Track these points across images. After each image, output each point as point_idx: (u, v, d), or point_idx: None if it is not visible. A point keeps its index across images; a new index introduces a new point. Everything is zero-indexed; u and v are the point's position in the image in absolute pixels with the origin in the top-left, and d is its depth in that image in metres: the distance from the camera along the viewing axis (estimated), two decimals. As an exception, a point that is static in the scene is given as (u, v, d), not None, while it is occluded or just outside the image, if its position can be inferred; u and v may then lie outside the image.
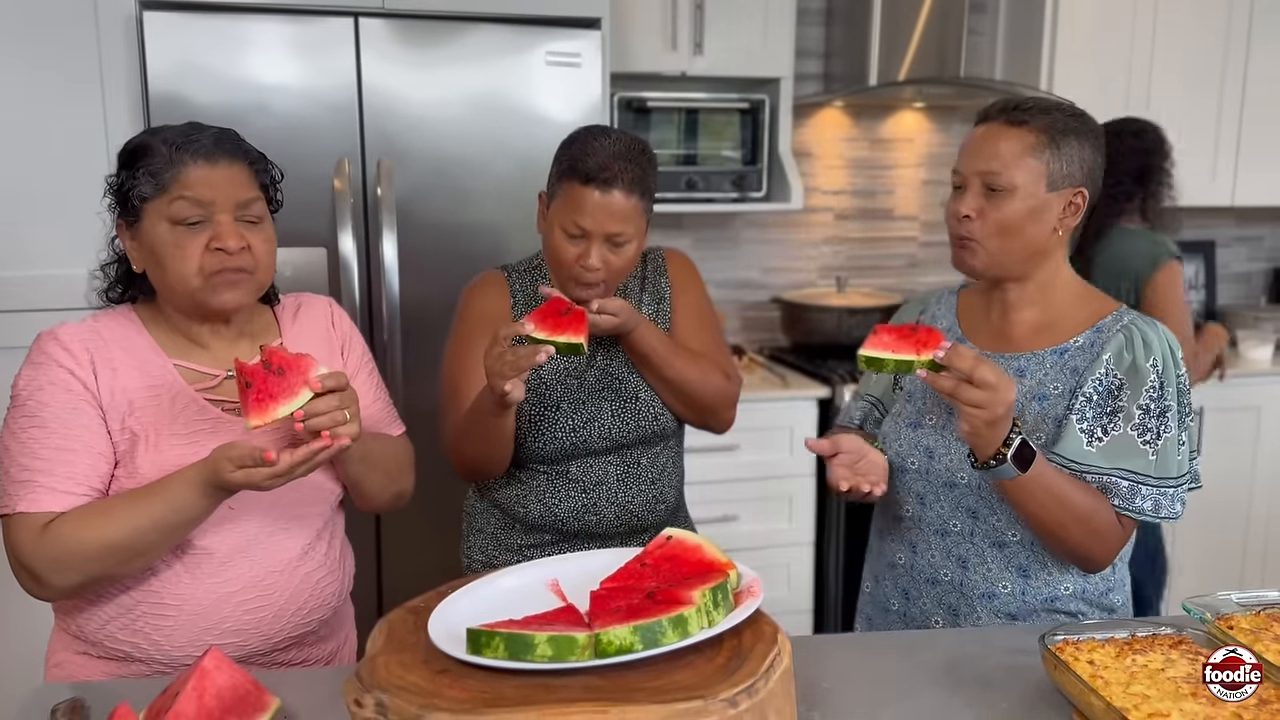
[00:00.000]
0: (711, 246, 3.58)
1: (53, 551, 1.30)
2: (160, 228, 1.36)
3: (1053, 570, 1.51)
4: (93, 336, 1.41)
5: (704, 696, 0.96)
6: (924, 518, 1.56)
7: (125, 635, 1.40)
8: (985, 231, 1.46)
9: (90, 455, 1.35)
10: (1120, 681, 1.17)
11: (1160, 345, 1.45)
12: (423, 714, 0.95)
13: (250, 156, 1.42)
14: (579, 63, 2.59)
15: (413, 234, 2.54)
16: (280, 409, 1.26)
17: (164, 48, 2.34)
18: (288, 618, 1.46)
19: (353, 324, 1.64)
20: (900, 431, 1.59)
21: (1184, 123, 3.48)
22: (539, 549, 1.81)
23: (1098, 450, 1.44)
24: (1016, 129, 1.44)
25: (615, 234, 1.64)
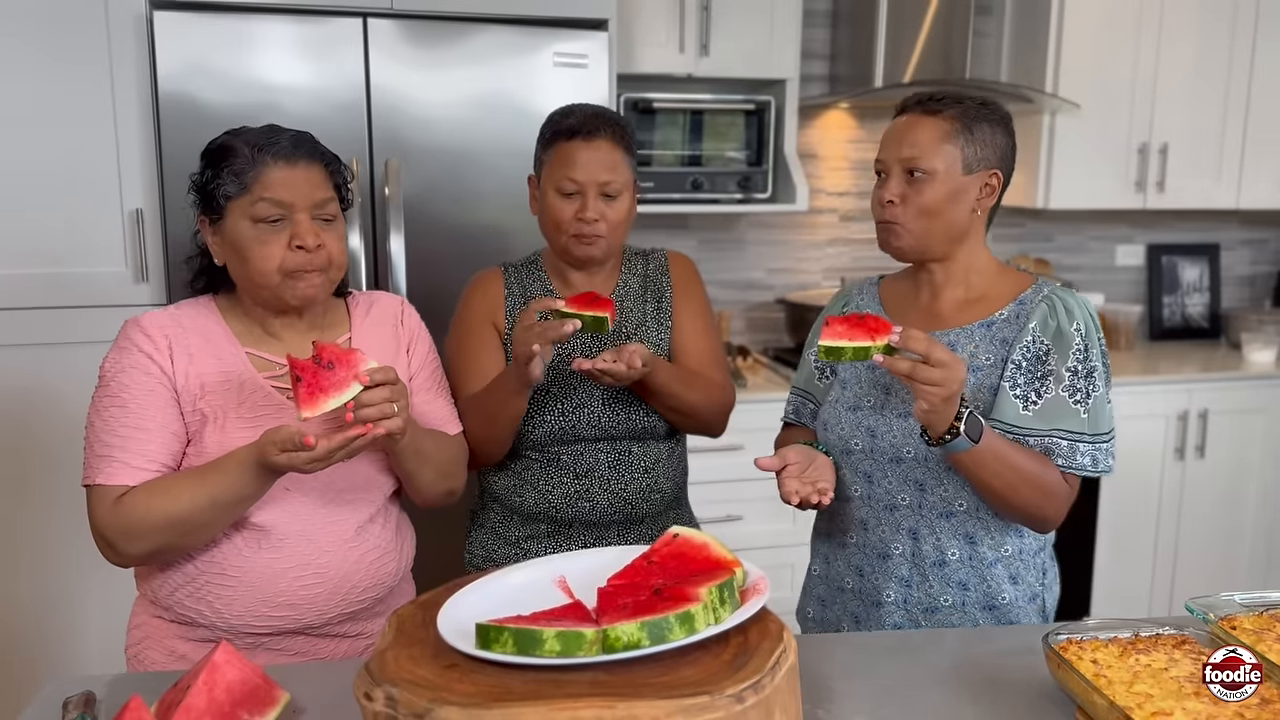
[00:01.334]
0: (716, 247, 3.59)
1: (123, 522, 1.40)
2: (243, 225, 1.45)
3: (995, 534, 1.57)
4: (173, 324, 1.50)
5: (710, 692, 0.97)
6: (873, 495, 1.61)
7: (191, 602, 1.49)
8: (908, 215, 1.54)
9: (164, 434, 1.45)
10: (1124, 680, 1.18)
11: (1081, 311, 1.53)
12: (432, 708, 0.96)
13: (326, 158, 1.51)
14: (586, 63, 2.60)
15: (420, 233, 2.55)
16: (330, 401, 1.33)
17: (174, 47, 2.35)
18: (342, 594, 1.53)
19: (421, 324, 1.70)
20: (840, 415, 1.64)
21: (1189, 125, 3.49)
22: (535, 540, 1.83)
23: (1033, 413, 1.51)
24: (932, 118, 1.53)
25: (606, 182, 1.73)
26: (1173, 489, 3.39)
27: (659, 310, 1.87)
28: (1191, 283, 4.01)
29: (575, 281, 1.85)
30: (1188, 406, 3.35)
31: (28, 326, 2.41)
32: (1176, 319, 3.99)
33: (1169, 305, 3.99)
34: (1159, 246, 3.98)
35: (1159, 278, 3.98)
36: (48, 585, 2.50)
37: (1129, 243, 3.98)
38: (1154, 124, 3.47)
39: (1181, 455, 3.37)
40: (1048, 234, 3.88)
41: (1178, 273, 4.00)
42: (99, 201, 2.43)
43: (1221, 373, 3.43)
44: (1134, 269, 4.00)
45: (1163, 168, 3.50)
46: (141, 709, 1.08)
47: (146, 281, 2.46)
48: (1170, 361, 3.60)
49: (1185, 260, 4.00)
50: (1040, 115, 3.42)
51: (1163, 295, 3.98)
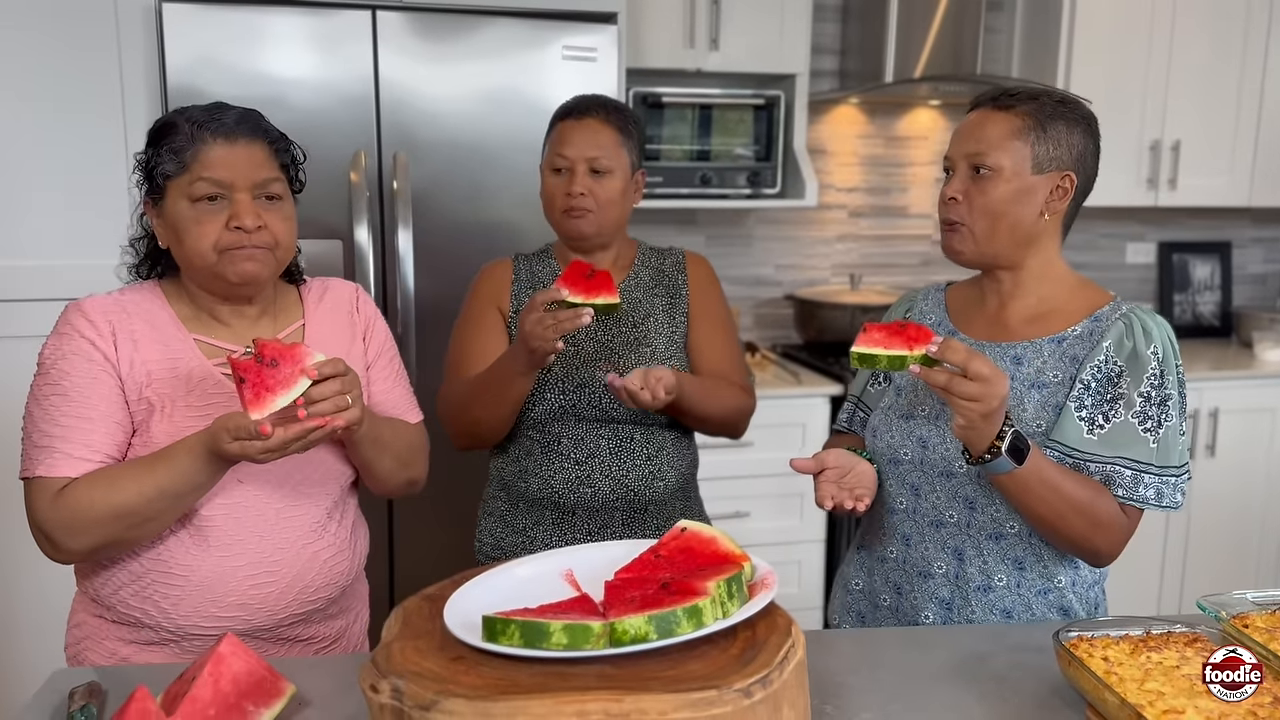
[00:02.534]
0: (725, 243, 3.58)
1: (65, 515, 1.34)
2: (181, 205, 1.40)
3: (1048, 563, 1.50)
4: (117, 309, 1.44)
5: (718, 686, 0.96)
6: (919, 509, 1.55)
7: (136, 601, 1.43)
8: (972, 214, 1.48)
9: (107, 424, 1.39)
10: (1135, 678, 1.17)
11: (1160, 334, 1.46)
12: (438, 700, 0.95)
13: (270, 136, 1.45)
14: (595, 57, 2.59)
15: (428, 226, 2.54)
16: (279, 400, 1.27)
17: (183, 40, 2.35)
18: (294, 595, 1.47)
19: (377, 310, 1.66)
20: (891, 424, 1.58)
21: (1202, 122, 3.47)
22: (541, 528, 1.84)
23: (1098, 438, 1.43)
24: (1004, 113, 1.47)
25: (593, 158, 1.77)
26: (1183, 488, 3.37)
27: (671, 306, 1.87)
28: (1203, 281, 3.98)
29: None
30: (1199, 405, 3.34)
31: (34, 318, 2.41)
32: (1188, 317, 3.97)
33: (1180, 303, 3.96)
34: (1170, 244, 3.96)
35: (1170, 275, 3.96)
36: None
37: (1140, 240, 3.96)
38: (1166, 121, 3.45)
39: (1192, 454, 3.36)
40: (1058, 231, 3.86)
41: (1189, 271, 3.97)
42: (107, 194, 2.43)
43: (1233, 371, 3.41)
44: (1145, 267, 3.98)
45: (1175, 165, 3.48)
46: (147, 699, 1.08)
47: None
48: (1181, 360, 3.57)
49: (1197, 258, 3.98)
50: (1051, 111, 3.40)
51: (1174, 293, 3.96)
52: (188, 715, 1.08)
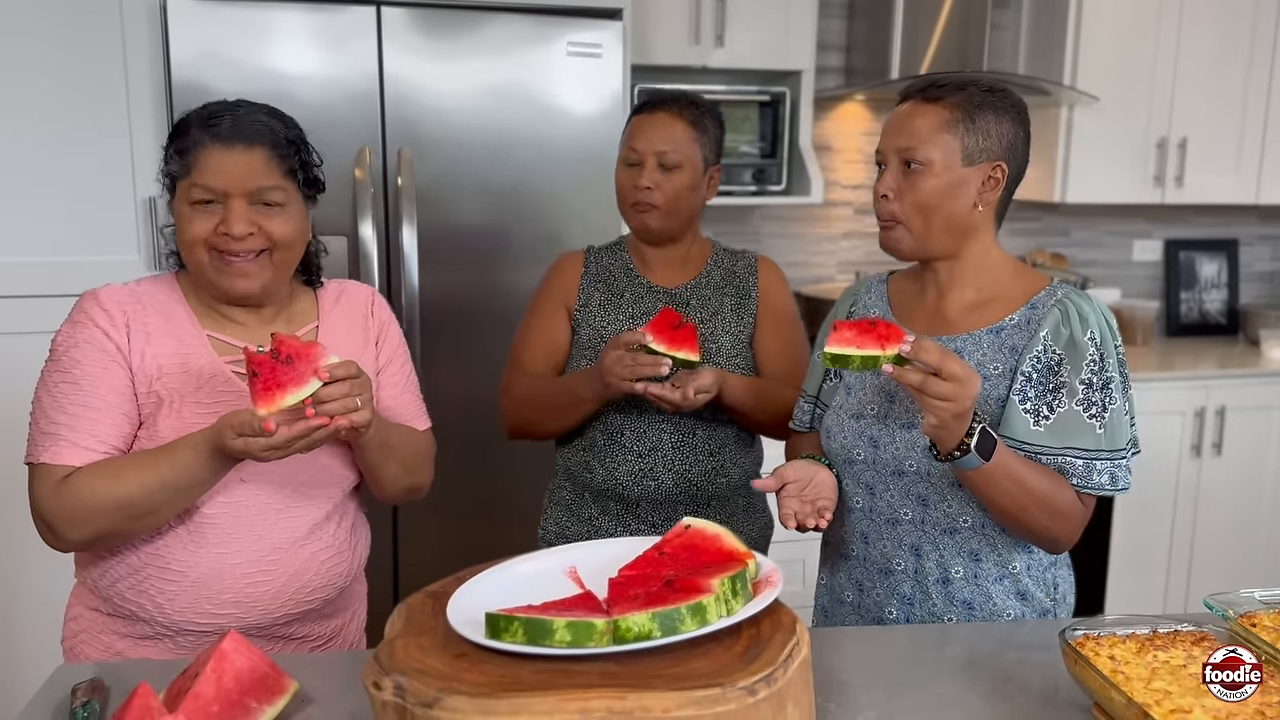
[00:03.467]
0: (730, 240, 3.52)
1: (66, 504, 1.34)
2: (183, 205, 1.40)
3: (1002, 551, 1.51)
4: (132, 300, 1.44)
5: (722, 684, 0.96)
6: (874, 508, 1.55)
7: (132, 595, 1.43)
8: (905, 210, 1.47)
9: (115, 415, 1.39)
10: (1141, 677, 1.16)
11: (1096, 317, 1.45)
12: (441, 697, 0.95)
13: (274, 140, 1.41)
14: (600, 53, 2.58)
15: (432, 223, 2.54)
16: (288, 398, 1.26)
17: (187, 36, 2.35)
18: (289, 595, 1.47)
19: (392, 315, 1.65)
20: (843, 423, 1.57)
21: (1208, 118, 3.46)
22: (606, 517, 1.87)
23: (1045, 429, 1.43)
24: (932, 105, 1.46)
25: (662, 152, 1.78)
26: (1189, 486, 3.36)
27: (740, 306, 1.88)
28: (1210, 278, 3.97)
29: (653, 262, 1.89)
30: (1205, 403, 3.32)
31: (40, 314, 2.41)
32: (1194, 315, 3.95)
33: (1186, 301, 3.95)
34: (1177, 242, 3.95)
35: (1177, 273, 3.94)
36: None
37: (1146, 238, 3.94)
38: (1173, 118, 3.44)
39: (1198, 452, 3.34)
40: (1064, 228, 3.85)
41: (1196, 268, 3.96)
42: (112, 189, 2.43)
43: (1239, 369, 3.40)
44: (1151, 264, 3.97)
45: (1181, 162, 3.47)
46: (149, 696, 1.08)
47: (159, 269, 2.46)
48: (1187, 358, 3.56)
49: (1203, 256, 3.97)
50: (1058, 108, 3.39)
51: (1180, 291, 3.95)
52: (190, 712, 1.08)
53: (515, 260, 2.61)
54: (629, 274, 1.90)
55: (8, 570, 2.50)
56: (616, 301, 1.87)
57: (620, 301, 1.87)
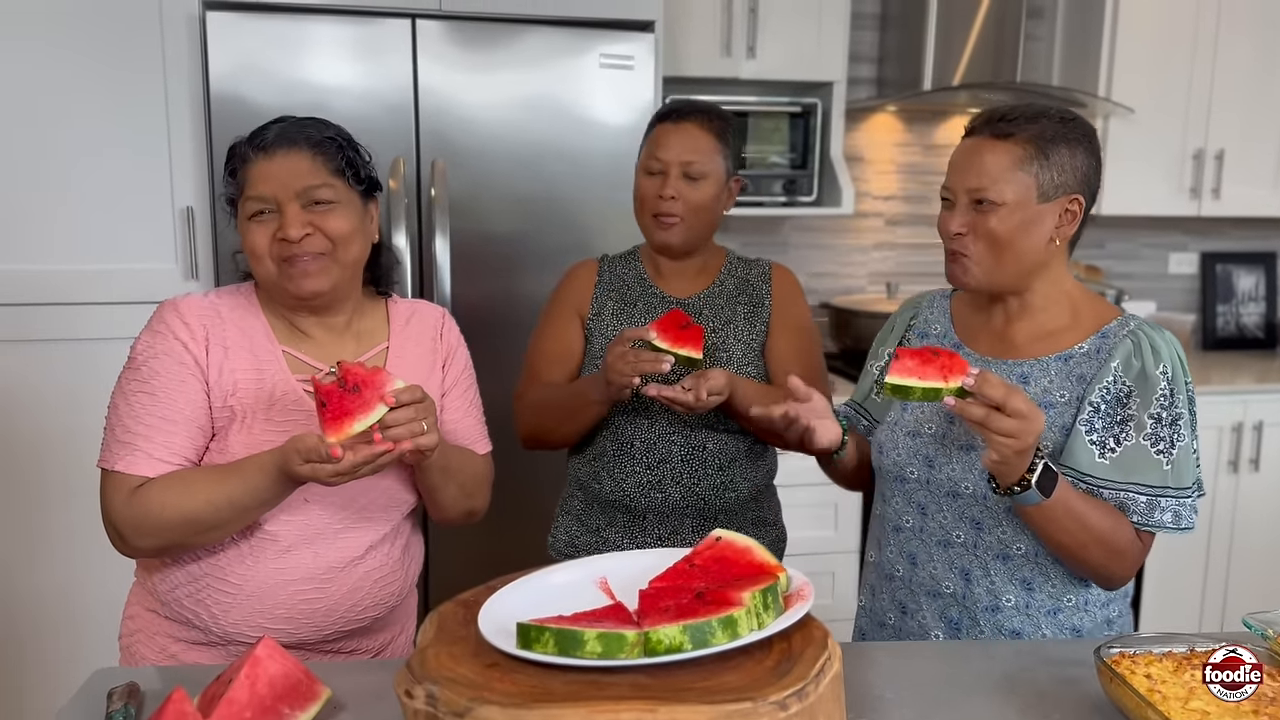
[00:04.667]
0: (759, 250, 3.54)
1: (137, 514, 1.37)
2: (243, 223, 1.44)
3: (1057, 583, 1.47)
4: (211, 313, 1.46)
5: (754, 698, 0.95)
6: (925, 528, 1.52)
7: (190, 603, 1.46)
8: (978, 247, 1.43)
9: (190, 428, 1.42)
10: (1179, 697, 1.15)
11: (1169, 351, 1.42)
12: (473, 706, 0.95)
13: (313, 141, 1.44)
14: (632, 65, 2.59)
15: (465, 234, 2.56)
16: (355, 425, 1.29)
17: (226, 48, 2.38)
18: (342, 612, 1.48)
19: (460, 338, 1.67)
20: (898, 439, 1.55)
21: (1246, 130, 3.42)
22: (614, 529, 1.86)
23: (1110, 462, 1.40)
24: (1003, 142, 1.41)
25: (688, 163, 1.76)
26: (1226, 502, 3.31)
27: (752, 314, 1.86)
28: (1247, 292, 3.91)
29: (667, 272, 1.88)
30: (1242, 418, 3.27)
31: (79, 322, 2.45)
32: (1231, 329, 3.90)
33: (1223, 315, 3.90)
34: (1213, 254, 3.90)
35: (1213, 286, 3.89)
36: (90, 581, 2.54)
37: (1183, 250, 3.90)
38: (1210, 129, 3.40)
39: (1235, 468, 3.30)
40: (1099, 240, 3.82)
41: (1233, 281, 3.91)
42: (150, 199, 2.47)
43: (1278, 384, 3.35)
44: (1188, 277, 3.92)
45: (1218, 174, 3.42)
46: (184, 701, 1.09)
47: (196, 279, 2.49)
48: (1224, 372, 3.51)
49: (1240, 269, 3.91)
50: (1093, 120, 3.36)
51: (1217, 304, 3.89)
52: (224, 717, 1.09)
53: (546, 270, 2.61)
54: (642, 283, 1.89)
55: (69, 567, 2.53)
56: (629, 311, 1.86)
57: (633, 311, 1.86)
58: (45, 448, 2.48)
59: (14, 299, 2.42)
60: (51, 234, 2.43)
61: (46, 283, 2.43)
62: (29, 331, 2.43)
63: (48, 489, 2.50)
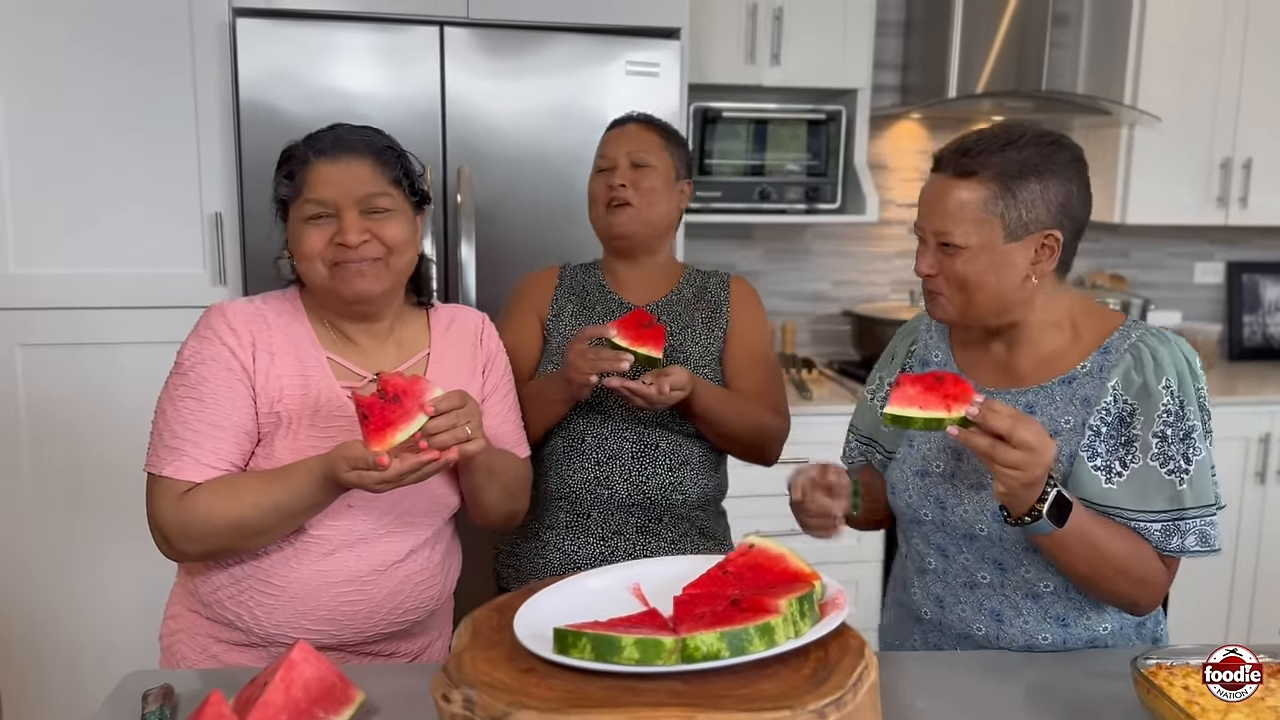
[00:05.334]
0: (782, 258, 3.56)
1: (184, 519, 1.38)
2: (298, 225, 1.45)
3: (1090, 614, 1.43)
4: (258, 319, 1.48)
5: (792, 706, 0.95)
6: (949, 570, 1.47)
7: (232, 604, 1.46)
8: (950, 288, 1.37)
9: (237, 434, 1.43)
10: (1218, 709, 1.13)
11: (1173, 360, 1.34)
12: (510, 711, 0.95)
13: (374, 149, 1.46)
14: (657, 72, 2.59)
15: (490, 240, 2.56)
16: (399, 434, 1.30)
17: (255, 54, 2.40)
18: (383, 614, 1.49)
19: (500, 344, 1.68)
20: (908, 480, 1.49)
21: (1274, 138, 3.39)
22: (554, 531, 1.82)
23: (1119, 487, 1.33)
24: (965, 181, 1.33)
25: (633, 152, 1.83)
26: (1253, 514, 3.28)
27: (711, 319, 1.87)
28: (1274, 302, 3.88)
29: (626, 280, 1.89)
30: (1270, 429, 3.24)
31: (109, 326, 2.47)
32: (1258, 339, 3.87)
33: (1250, 325, 3.87)
34: (1240, 264, 3.87)
35: (1239, 296, 3.86)
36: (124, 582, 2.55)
37: (1209, 260, 3.87)
38: (1237, 138, 3.38)
39: (1262, 479, 3.26)
40: (1124, 249, 3.79)
41: (1259, 291, 3.88)
42: (180, 204, 2.49)
43: (1305, 395, 3.32)
44: (1213, 287, 3.89)
45: (1245, 183, 3.40)
46: (221, 704, 1.09)
47: (224, 284, 2.51)
48: (1251, 382, 3.49)
49: (1267, 279, 3.88)
50: (1119, 128, 3.34)
51: (1243, 314, 3.86)
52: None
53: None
54: (601, 290, 1.90)
55: (103, 568, 2.55)
56: (588, 314, 1.86)
57: (592, 314, 1.86)
58: (79, 450, 2.50)
59: (45, 303, 2.45)
60: (82, 239, 2.45)
61: (77, 287, 2.45)
62: (61, 335, 2.45)
63: (81, 491, 2.52)
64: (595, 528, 1.81)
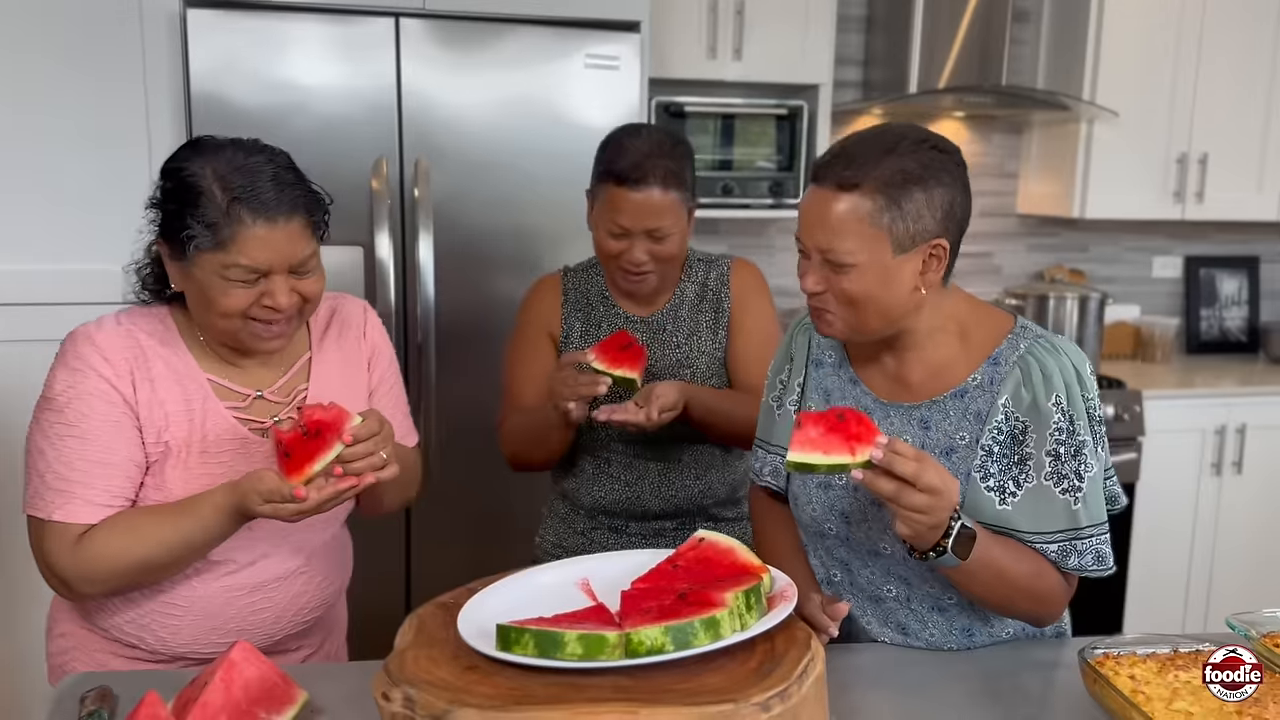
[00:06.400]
0: (747, 253, 3.55)
1: (85, 564, 1.33)
2: (213, 278, 1.32)
3: (994, 623, 1.42)
4: (131, 345, 1.38)
5: (735, 700, 0.95)
6: (855, 583, 1.44)
7: (133, 629, 1.42)
8: (837, 305, 1.32)
9: (127, 468, 1.36)
10: (1163, 698, 1.14)
11: (1061, 374, 1.30)
12: (451, 710, 0.94)
13: (307, 204, 1.36)
14: (617, 65, 2.58)
15: (449, 235, 2.54)
16: (316, 465, 1.28)
17: (206, 46, 2.36)
18: (290, 615, 1.49)
19: (384, 332, 1.62)
20: (811, 494, 1.44)
21: (1230, 135, 3.43)
22: (599, 531, 1.88)
23: (1014, 508, 1.30)
24: (849, 194, 1.26)
25: (654, 229, 1.71)
26: (1209, 505, 3.33)
27: (715, 320, 1.85)
28: (1230, 295, 3.93)
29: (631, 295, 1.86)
30: (1225, 421, 3.29)
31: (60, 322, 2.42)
32: (1214, 332, 3.92)
33: (1207, 318, 3.92)
34: (1197, 258, 3.91)
35: (1196, 290, 3.91)
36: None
37: (1166, 254, 3.91)
38: (1193, 134, 3.41)
39: (1219, 471, 3.31)
40: (1083, 244, 3.83)
41: (1216, 285, 3.92)
42: (131, 197, 2.43)
43: (1260, 387, 3.37)
44: (1171, 281, 3.94)
45: (1202, 178, 3.44)
46: (157, 705, 1.07)
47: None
48: (1207, 375, 3.53)
49: (1224, 272, 3.93)
50: (1078, 123, 3.37)
51: (1200, 308, 3.91)
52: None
53: (532, 272, 2.58)
54: (606, 302, 1.86)
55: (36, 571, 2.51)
56: (595, 333, 1.84)
57: (598, 333, 1.84)
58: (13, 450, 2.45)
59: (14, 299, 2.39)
60: (30, 233, 2.40)
61: (26, 282, 2.40)
62: (8, 332, 2.40)
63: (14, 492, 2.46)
64: (634, 537, 1.86)
